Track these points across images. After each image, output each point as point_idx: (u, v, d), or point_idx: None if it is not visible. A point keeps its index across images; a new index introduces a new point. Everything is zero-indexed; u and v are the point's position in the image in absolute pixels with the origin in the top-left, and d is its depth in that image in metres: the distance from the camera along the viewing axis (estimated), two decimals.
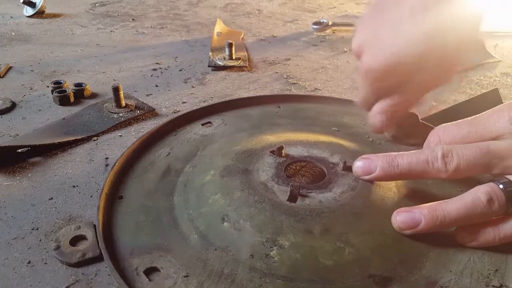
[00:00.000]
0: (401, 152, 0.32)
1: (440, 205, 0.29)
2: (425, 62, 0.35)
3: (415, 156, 0.31)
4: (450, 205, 0.29)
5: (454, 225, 0.30)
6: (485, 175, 0.34)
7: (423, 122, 0.44)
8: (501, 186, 0.29)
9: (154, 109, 0.53)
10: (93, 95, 0.57)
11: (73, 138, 0.45)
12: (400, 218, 0.30)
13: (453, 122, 0.34)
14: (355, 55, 0.41)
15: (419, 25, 0.34)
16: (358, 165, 0.34)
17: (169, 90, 0.59)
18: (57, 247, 0.30)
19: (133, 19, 0.97)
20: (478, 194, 0.29)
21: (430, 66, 0.35)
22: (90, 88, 0.57)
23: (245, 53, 0.72)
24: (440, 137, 0.34)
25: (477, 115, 0.33)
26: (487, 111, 0.32)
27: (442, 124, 0.34)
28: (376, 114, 0.39)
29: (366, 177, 0.34)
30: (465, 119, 0.33)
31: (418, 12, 0.34)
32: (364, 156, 0.34)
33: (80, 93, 0.56)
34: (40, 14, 0.96)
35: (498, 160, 0.30)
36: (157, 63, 0.69)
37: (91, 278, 0.29)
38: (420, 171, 0.31)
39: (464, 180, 0.36)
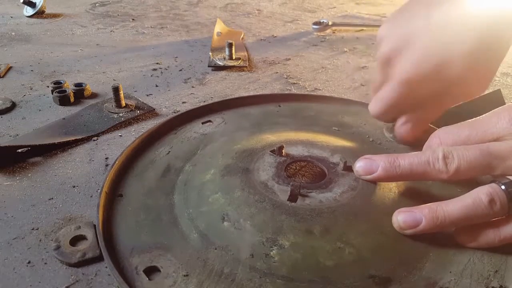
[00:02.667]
0: (403, 153, 0.32)
1: (441, 205, 0.29)
2: (474, 62, 0.34)
3: (416, 157, 0.32)
4: (451, 205, 0.29)
5: (454, 226, 0.30)
6: (486, 176, 0.34)
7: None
8: (503, 187, 0.29)
9: (154, 109, 0.53)
10: (93, 95, 0.57)
11: (73, 138, 0.45)
12: (401, 217, 0.30)
13: (454, 124, 0.34)
14: (384, 63, 0.38)
15: (469, 21, 0.33)
16: (360, 165, 0.34)
17: (169, 90, 0.59)
18: (57, 247, 0.30)
19: (133, 19, 0.97)
20: (479, 195, 0.29)
21: (473, 71, 0.34)
22: (90, 88, 0.57)
23: (245, 53, 0.72)
24: (441, 139, 0.34)
25: (478, 117, 0.33)
26: (487, 113, 0.32)
27: (444, 127, 0.34)
28: (403, 126, 0.39)
29: (367, 177, 0.33)
30: (466, 121, 0.33)
31: (463, 10, 0.33)
32: (365, 156, 0.34)
33: (80, 93, 0.56)
34: (40, 14, 0.96)
35: (499, 161, 0.30)
36: (157, 63, 0.69)
37: (91, 278, 0.29)
38: (421, 172, 0.31)
39: (465, 181, 0.36)
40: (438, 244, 0.30)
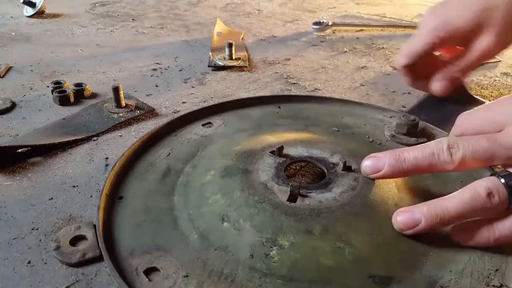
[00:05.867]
0: (408, 147, 0.32)
1: (439, 202, 0.29)
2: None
3: (421, 150, 0.31)
4: (449, 201, 0.29)
5: (455, 222, 0.30)
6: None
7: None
8: (502, 180, 0.28)
9: (154, 109, 0.53)
10: (93, 95, 0.57)
11: (73, 138, 0.45)
12: (400, 218, 0.30)
13: (475, 108, 0.34)
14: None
15: None
16: (366, 164, 0.34)
17: (169, 90, 0.59)
18: (57, 247, 0.30)
19: (133, 19, 0.97)
20: (477, 189, 0.28)
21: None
22: (90, 88, 0.57)
23: (245, 53, 0.73)
24: (461, 124, 0.34)
25: (494, 101, 0.33)
26: (505, 96, 0.33)
27: (466, 111, 0.35)
28: (439, 81, 0.45)
29: (375, 176, 0.33)
30: (484, 104, 0.34)
31: None
32: (371, 154, 0.34)
33: (80, 93, 0.56)
34: (40, 14, 0.96)
35: (504, 150, 0.29)
36: (157, 63, 0.69)
37: (91, 278, 0.29)
38: (427, 164, 0.31)
39: (465, 180, 0.36)
40: (438, 243, 0.30)
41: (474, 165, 0.31)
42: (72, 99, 0.54)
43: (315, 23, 0.87)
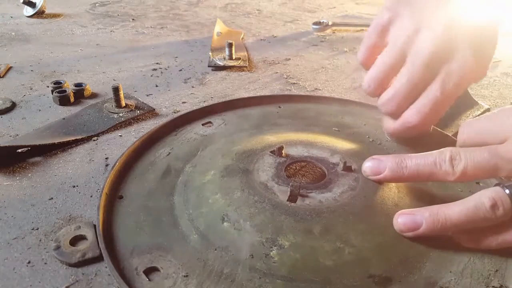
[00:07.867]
0: (411, 154, 0.32)
1: (442, 208, 0.29)
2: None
3: (423, 158, 0.31)
4: (452, 209, 0.29)
5: (455, 229, 0.30)
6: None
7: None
8: (507, 191, 0.28)
9: (154, 109, 0.53)
10: (93, 95, 0.57)
11: (73, 138, 0.45)
12: (402, 220, 0.30)
13: (477, 117, 0.34)
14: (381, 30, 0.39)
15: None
16: (368, 165, 0.34)
17: (169, 90, 0.59)
18: (57, 247, 0.30)
19: (133, 19, 0.97)
20: (481, 199, 0.28)
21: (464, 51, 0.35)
22: (90, 88, 0.57)
23: (245, 53, 0.72)
24: (464, 134, 0.34)
25: (497, 111, 0.33)
26: (508, 106, 0.32)
27: (469, 120, 0.34)
28: (415, 115, 0.37)
29: (375, 178, 0.33)
30: (487, 114, 0.33)
31: None
32: (374, 156, 0.34)
33: (80, 93, 0.56)
34: (40, 14, 0.96)
35: (505, 162, 0.29)
36: (157, 63, 0.69)
37: (91, 278, 0.29)
38: (428, 173, 0.31)
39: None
40: (438, 244, 0.30)
41: (476, 177, 0.31)
42: (72, 99, 0.54)
43: (315, 23, 0.87)
